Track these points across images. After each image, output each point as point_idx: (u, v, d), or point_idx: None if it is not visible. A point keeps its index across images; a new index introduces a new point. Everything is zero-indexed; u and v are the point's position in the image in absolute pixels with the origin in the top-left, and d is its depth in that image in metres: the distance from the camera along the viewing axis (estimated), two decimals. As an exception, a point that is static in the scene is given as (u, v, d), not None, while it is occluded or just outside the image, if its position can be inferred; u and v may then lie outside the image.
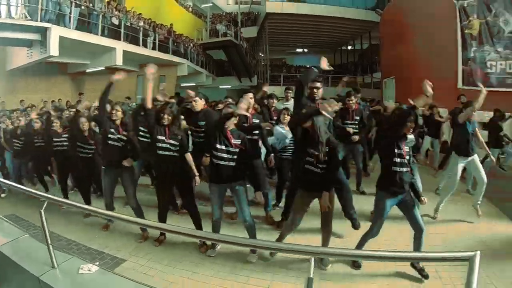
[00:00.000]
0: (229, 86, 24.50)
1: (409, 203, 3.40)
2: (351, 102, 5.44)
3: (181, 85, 19.16)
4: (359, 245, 3.53)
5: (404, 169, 3.32)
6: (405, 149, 3.36)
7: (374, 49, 22.43)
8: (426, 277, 3.31)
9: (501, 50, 9.54)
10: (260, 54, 26.04)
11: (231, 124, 3.70)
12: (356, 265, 3.55)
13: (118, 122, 4.38)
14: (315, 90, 3.88)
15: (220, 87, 24.11)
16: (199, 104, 4.68)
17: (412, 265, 3.45)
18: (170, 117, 3.92)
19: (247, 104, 3.89)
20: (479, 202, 4.76)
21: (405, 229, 3.63)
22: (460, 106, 6.66)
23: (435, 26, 11.64)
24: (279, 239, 3.65)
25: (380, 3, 19.96)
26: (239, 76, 24.05)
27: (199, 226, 3.97)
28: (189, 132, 5.00)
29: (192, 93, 4.85)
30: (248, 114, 4.08)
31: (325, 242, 3.55)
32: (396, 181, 3.31)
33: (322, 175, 3.38)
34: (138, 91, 15.60)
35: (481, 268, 2.94)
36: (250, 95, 4.59)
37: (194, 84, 20.98)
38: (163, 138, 3.86)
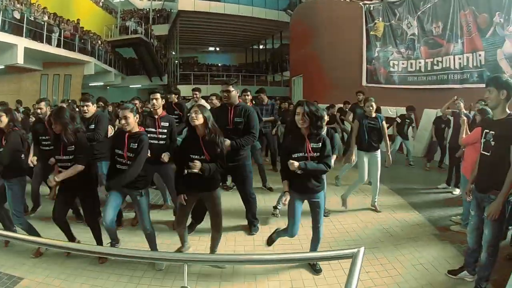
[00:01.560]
0: (140, 86, 24.45)
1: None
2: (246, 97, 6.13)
3: (89, 84, 18.61)
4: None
5: None
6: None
7: (285, 48, 24.22)
8: (318, 271, 3.49)
9: (403, 51, 11.01)
10: (172, 52, 26.16)
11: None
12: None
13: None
14: (225, 94, 4.19)
15: (131, 86, 23.86)
16: (91, 109, 4.65)
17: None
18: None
19: None
20: (376, 200, 5.21)
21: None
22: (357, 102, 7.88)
23: (342, 27, 13.10)
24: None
25: (291, 4, 21.70)
26: (149, 75, 24.05)
27: (98, 239, 3.89)
28: None
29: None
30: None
31: (213, 246, 3.68)
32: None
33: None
34: (42, 92, 14.87)
35: (384, 256, 3.76)
36: (157, 95, 4.61)
37: (103, 83, 20.50)
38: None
